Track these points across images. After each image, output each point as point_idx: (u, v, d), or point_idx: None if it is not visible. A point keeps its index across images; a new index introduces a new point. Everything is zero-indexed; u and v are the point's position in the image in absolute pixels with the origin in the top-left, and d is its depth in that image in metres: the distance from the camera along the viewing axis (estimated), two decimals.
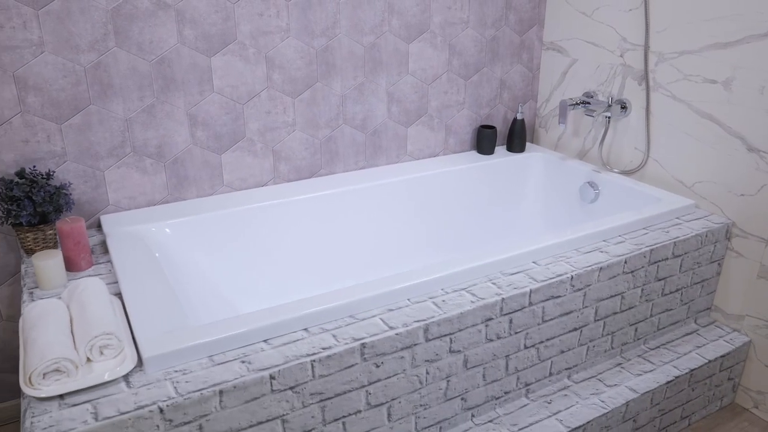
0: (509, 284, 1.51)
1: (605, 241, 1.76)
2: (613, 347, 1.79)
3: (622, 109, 2.18)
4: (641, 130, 2.15)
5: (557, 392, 1.67)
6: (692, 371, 1.79)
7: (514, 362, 1.57)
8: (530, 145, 2.54)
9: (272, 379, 1.20)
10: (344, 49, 2.03)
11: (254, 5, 1.83)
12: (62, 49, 1.61)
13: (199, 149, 1.89)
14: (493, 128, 2.40)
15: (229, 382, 1.16)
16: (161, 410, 1.10)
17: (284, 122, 2.01)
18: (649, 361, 1.81)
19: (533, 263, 1.62)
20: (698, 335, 1.94)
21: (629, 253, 1.68)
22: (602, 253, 1.68)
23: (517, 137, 2.44)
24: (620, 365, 1.79)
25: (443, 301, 1.44)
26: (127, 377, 1.16)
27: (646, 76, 2.07)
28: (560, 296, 1.57)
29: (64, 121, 1.67)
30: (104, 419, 1.06)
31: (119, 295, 1.44)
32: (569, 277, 1.57)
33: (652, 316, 1.84)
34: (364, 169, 2.24)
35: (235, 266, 1.92)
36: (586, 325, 1.68)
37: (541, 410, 1.60)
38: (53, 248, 1.61)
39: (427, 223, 2.28)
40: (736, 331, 1.96)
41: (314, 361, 1.23)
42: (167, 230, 1.78)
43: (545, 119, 2.54)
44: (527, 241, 1.66)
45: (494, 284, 1.51)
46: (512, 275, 1.56)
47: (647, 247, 1.72)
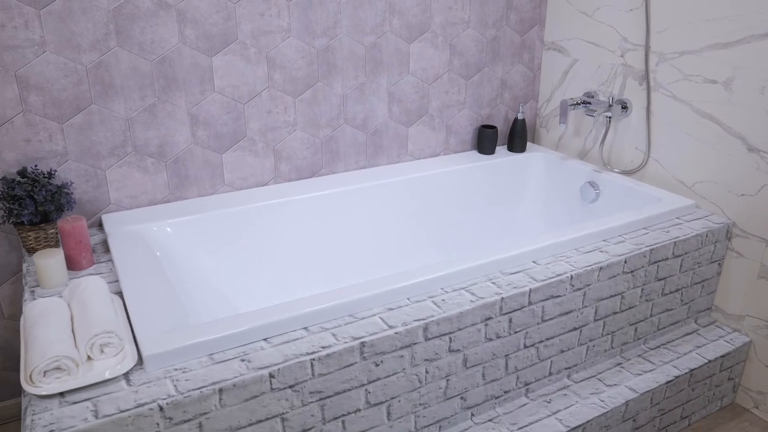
0: (509, 284, 1.52)
1: (605, 240, 1.76)
2: (612, 347, 1.79)
3: (622, 109, 2.18)
4: (642, 130, 2.15)
5: (557, 392, 1.67)
6: (692, 371, 1.79)
7: (513, 361, 1.58)
8: (531, 144, 2.55)
9: (272, 377, 1.20)
10: (345, 48, 2.04)
11: (255, 5, 1.84)
12: (64, 48, 1.62)
13: (200, 149, 1.89)
14: (494, 128, 2.41)
15: (228, 380, 1.16)
16: (161, 408, 1.11)
17: (285, 122, 2.01)
18: (649, 360, 1.81)
19: (533, 263, 1.62)
20: (698, 335, 1.94)
21: (629, 252, 1.69)
22: (602, 252, 1.68)
23: (517, 137, 2.44)
24: (620, 365, 1.79)
25: (443, 300, 1.44)
26: (127, 375, 1.17)
27: (646, 76, 2.07)
28: (560, 296, 1.57)
29: (65, 120, 1.68)
30: (104, 417, 1.07)
31: (120, 293, 1.44)
32: (569, 276, 1.57)
33: (652, 316, 1.84)
34: (365, 168, 2.24)
35: (236, 265, 1.92)
36: (585, 324, 1.68)
37: (540, 409, 1.60)
38: (55, 247, 1.62)
39: (427, 222, 2.28)
40: (736, 331, 1.96)
41: (314, 359, 1.24)
42: (168, 229, 1.79)
43: (546, 119, 2.54)
44: (527, 240, 1.66)
45: (494, 284, 1.52)
46: (512, 275, 1.56)
47: (647, 246, 1.72)
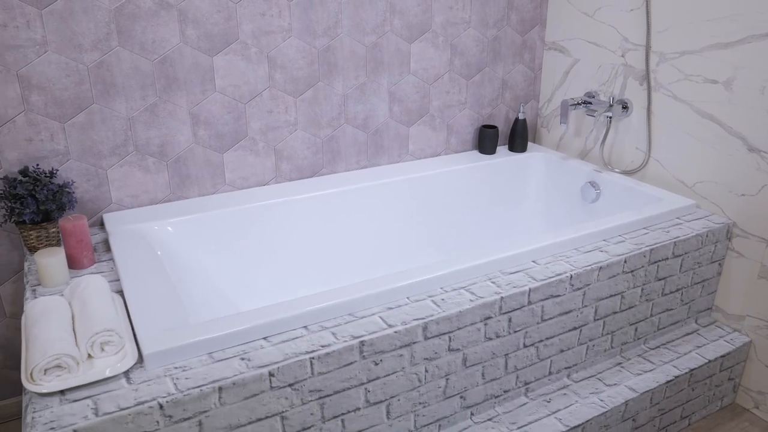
0: (508, 283, 1.52)
1: (605, 240, 1.76)
2: (612, 347, 1.79)
3: (623, 109, 2.18)
4: (642, 130, 2.15)
5: (556, 391, 1.67)
6: (692, 371, 1.79)
7: (513, 361, 1.58)
8: (532, 144, 2.55)
9: (271, 376, 1.21)
10: (346, 48, 2.04)
11: (256, 5, 1.84)
12: (65, 48, 1.62)
13: (201, 148, 1.90)
14: (494, 128, 2.41)
15: (228, 378, 1.17)
16: (161, 406, 1.11)
17: (286, 121, 2.02)
18: (649, 360, 1.81)
19: (533, 262, 1.62)
20: (699, 335, 1.94)
21: (629, 252, 1.69)
22: (602, 252, 1.69)
23: (518, 137, 2.45)
24: (620, 365, 1.79)
25: (442, 299, 1.44)
26: (127, 373, 1.17)
27: (647, 76, 2.07)
28: (559, 295, 1.58)
29: (67, 119, 1.68)
30: (104, 414, 1.07)
31: (121, 292, 1.45)
32: (568, 276, 1.57)
33: (652, 315, 1.85)
34: (365, 168, 2.24)
35: (236, 265, 1.93)
36: (585, 324, 1.68)
37: (540, 409, 1.60)
38: (56, 246, 1.62)
39: (428, 222, 2.28)
40: (736, 331, 1.96)
41: (313, 358, 1.24)
42: (169, 228, 1.80)
43: (547, 119, 2.54)
44: (527, 240, 1.66)
45: (493, 283, 1.52)
46: (512, 274, 1.56)
47: (647, 246, 1.72)
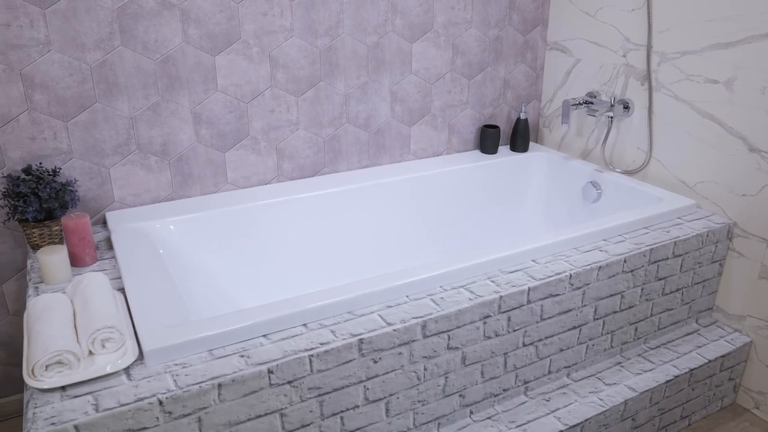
0: (508, 282, 1.52)
1: (605, 240, 1.76)
2: (612, 346, 1.79)
3: (624, 109, 2.18)
4: (644, 130, 2.15)
5: (556, 390, 1.67)
6: (692, 371, 1.79)
7: (512, 360, 1.58)
8: (533, 144, 2.55)
9: (270, 373, 1.21)
10: (347, 48, 2.05)
11: (258, 5, 1.85)
12: (68, 47, 1.63)
13: (203, 147, 1.91)
14: (496, 128, 2.41)
15: (227, 375, 1.18)
16: (161, 402, 1.12)
17: (288, 121, 2.03)
18: (649, 360, 1.81)
19: (532, 261, 1.63)
20: (699, 335, 1.94)
21: (629, 252, 1.69)
22: (602, 252, 1.69)
23: (520, 137, 2.45)
24: (620, 364, 1.79)
25: (441, 298, 1.45)
26: (128, 370, 1.18)
27: (648, 76, 2.07)
28: (559, 294, 1.58)
29: (70, 118, 1.70)
30: (105, 410, 1.08)
31: (122, 290, 1.46)
32: (568, 275, 1.57)
33: (652, 315, 1.85)
34: (367, 167, 2.25)
35: (238, 263, 1.94)
36: (585, 323, 1.69)
37: (539, 408, 1.61)
38: (59, 244, 1.64)
39: (429, 222, 2.29)
40: (737, 331, 1.96)
41: (312, 356, 1.25)
42: (171, 227, 1.81)
43: (549, 119, 2.55)
44: (526, 239, 1.67)
45: (493, 282, 1.52)
46: (511, 273, 1.57)
47: (647, 246, 1.72)
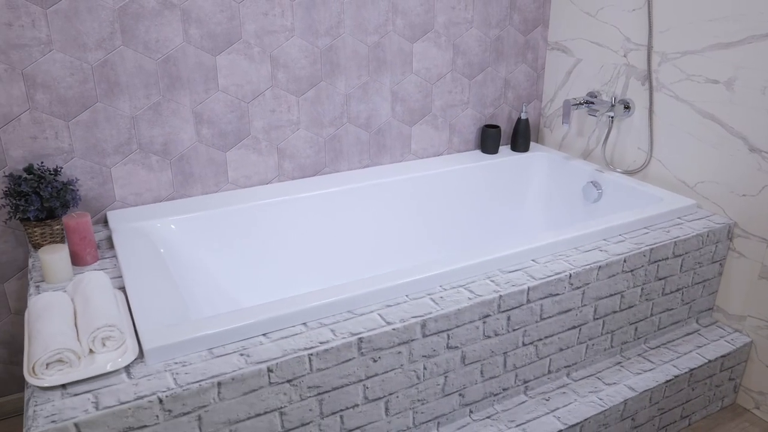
0: (507, 281, 1.53)
1: (605, 240, 1.76)
2: (612, 346, 1.80)
3: (625, 109, 2.18)
4: (644, 130, 2.15)
5: (556, 390, 1.68)
6: (692, 371, 1.79)
7: (512, 359, 1.59)
8: (534, 144, 2.55)
9: (270, 371, 1.22)
10: (348, 48, 2.05)
11: (259, 5, 1.86)
12: (70, 47, 1.64)
13: (204, 147, 1.92)
14: (497, 128, 2.41)
15: (227, 374, 1.18)
16: (161, 401, 1.12)
17: (289, 120, 2.03)
18: (649, 360, 1.81)
19: (532, 261, 1.63)
20: (699, 335, 1.94)
21: (629, 252, 1.69)
22: (602, 252, 1.69)
23: (521, 137, 2.45)
24: (620, 364, 1.79)
25: (441, 297, 1.45)
26: (128, 368, 1.19)
27: (649, 76, 2.07)
28: (558, 294, 1.58)
29: (71, 118, 1.70)
30: (105, 408, 1.09)
31: (123, 289, 1.47)
32: (567, 275, 1.57)
33: (652, 315, 1.85)
34: (368, 167, 2.25)
35: (238, 262, 1.94)
36: (585, 323, 1.69)
37: (539, 407, 1.61)
38: (60, 243, 1.64)
39: (430, 222, 2.29)
40: (737, 331, 1.96)
41: (311, 354, 1.25)
42: (172, 226, 1.81)
43: (550, 119, 2.55)
44: (526, 239, 1.67)
45: (492, 281, 1.53)
46: (511, 273, 1.57)
47: (647, 246, 1.73)
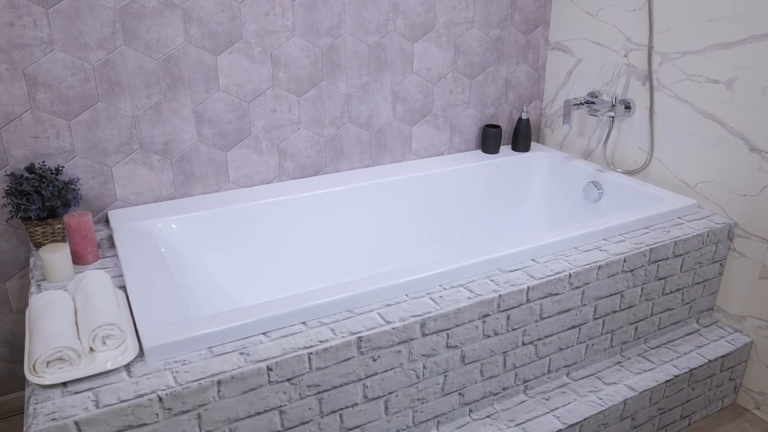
0: (507, 281, 1.53)
1: (605, 239, 1.76)
2: (612, 345, 1.80)
3: (626, 109, 2.18)
4: (645, 130, 2.15)
5: (555, 389, 1.68)
6: (692, 371, 1.79)
7: (512, 359, 1.59)
8: (535, 144, 2.55)
9: (269, 370, 1.22)
10: (349, 48, 2.06)
11: (260, 5, 1.86)
12: (71, 47, 1.65)
13: (205, 146, 1.92)
14: (498, 127, 2.42)
15: (227, 372, 1.19)
16: (160, 399, 1.13)
17: (289, 120, 2.03)
18: (649, 360, 1.81)
19: (532, 261, 1.63)
20: (700, 335, 1.94)
21: (629, 252, 1.69)
22: (602, 251, 1.69)
23: (522, 137, 2.45)
24: (620, 363, 1.79)
25: (440, 297, 1.45)
26: (128, 366, 1.19)
27: (649, 76, 2.07)
28: (558, 294, 1.58)
29: (72, 117, 1.71)
30: (105, 406, 1.09)
31: (124, 287, 1.47)
32: (567, 275, 1.58)
33: (652, 315, 1.85)
34: (368, 167, 2.26)
35: (239, 262, 1.95)
36: (585, 323, 1.69)
37: (538, 407, 1.61)
38: (61, 242, 1.65)
39: (431, 221, 2.29)
40: (738, 331, 1.96)
41: (311, 353, 1.26)
42: (173, 226, 1.82)
43: (551, 119, 2.55)
44: (526, 238, 1.67)
45: (492, 281, 1.53)
46: (510, 272, 1.57)
47: (647, 246, 1.73)
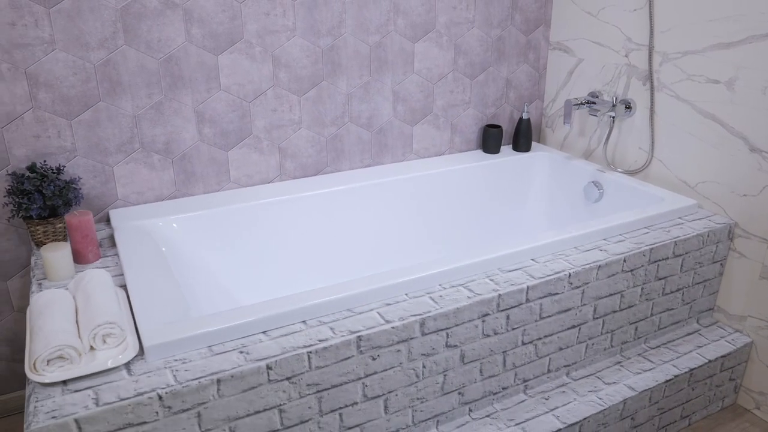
0: (506, 281, 1.53)
1: (605, 239, 1.76)
2: (612, 345, 1.80)
3: (626, 109, 2.18)
4: (645, 130, 2.15)
5: (555, 389, 1.68)
6: (692, 371, 1.79)
7: (511, 358, 1.59)
8: (536, 144, 2.55)
9: (269, 369, 1.23)
10: (350, 48, 2.06)
11: (261, 5, 1.86)
12: (73, 46, 1.65)
13: (206, 146, 1.93)
14: (498, 127, 2.42)
15: (226, 371, 1.19)
16: (160, 397, 1.13)
17: (290, 120, 2.04)
18: (648, 360, 1.82)
19: (532, 260, 1.63)
20: (700, 335, 1.94)
21: (629, 251, 1.69)
22: (602, 251, 1.69)
23: (522, 137, 2.45)
24: (620, 363, 1.79)
25: (440, 296, 1.46)
26: (128, 365, 1.20)
27: (650, 76, 2.07)
28: (558, 293, 1.58)
29: (74, 117, 1.71)
30: (105, 405, 1.10)
31: (124, 286, 1.48)
32: (567, 274, 1.58)
33: (652, 315, 1.85)
34: (369, 167, 2.26)
35: (240, 261, 1.95)
36: (584, 322, 1.69)
37: (538, 406, 1.61)
38: (62, 241, 1.65)
39: (431, 221, 2.29)
40: (738, 331, 1.96)
41: (311, 352, 1.26)
42: (174, 225, 1.82)
43: (552, 119, 2.55)
44: (526, 238, 1.67)
45: (492, 280, 1.53)
46: (510, 272, 1.57)
47: (647, 246, 1.73)
